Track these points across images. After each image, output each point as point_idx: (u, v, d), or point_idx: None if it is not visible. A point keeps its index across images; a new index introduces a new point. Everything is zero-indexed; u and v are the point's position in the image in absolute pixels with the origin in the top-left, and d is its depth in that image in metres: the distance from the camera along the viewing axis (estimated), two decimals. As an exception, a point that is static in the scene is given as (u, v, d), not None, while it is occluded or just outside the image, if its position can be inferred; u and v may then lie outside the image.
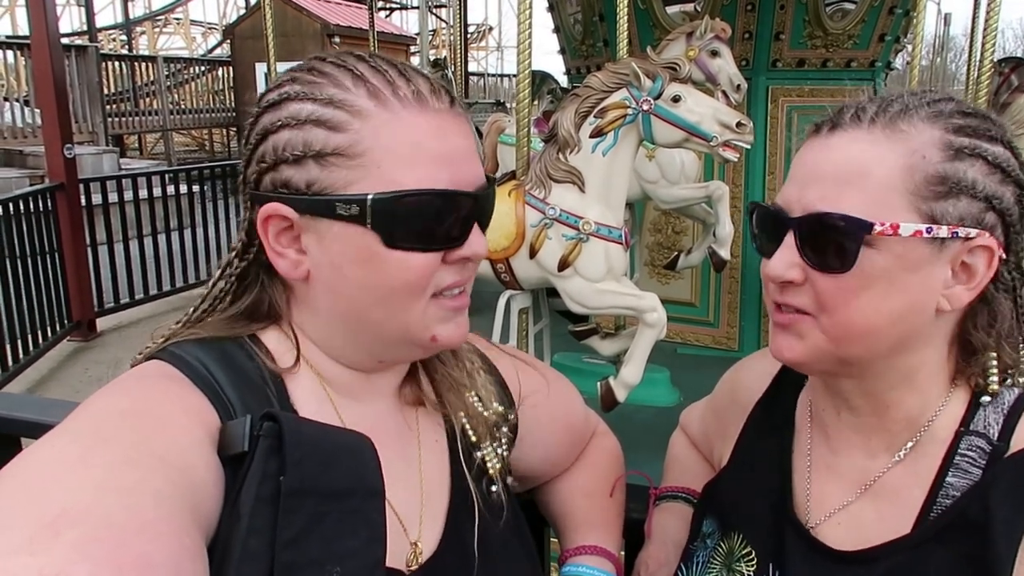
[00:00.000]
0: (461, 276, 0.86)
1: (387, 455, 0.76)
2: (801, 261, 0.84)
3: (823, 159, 0.85)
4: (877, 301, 0.82)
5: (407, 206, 0.79)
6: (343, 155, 0.79)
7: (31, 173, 9.98)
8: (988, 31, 3.59)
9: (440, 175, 0.81)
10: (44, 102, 6.32)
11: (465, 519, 0.93)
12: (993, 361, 0.87)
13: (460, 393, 0.98)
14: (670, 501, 1.24)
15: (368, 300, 0.83)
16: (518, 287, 3.33)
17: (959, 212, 0.80)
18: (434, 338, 0.85)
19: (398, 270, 0.81)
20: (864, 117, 0.84)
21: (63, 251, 6.26)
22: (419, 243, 0.80)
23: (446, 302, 0.85)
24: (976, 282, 0.83)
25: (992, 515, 0.79)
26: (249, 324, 0.88)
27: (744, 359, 1.21)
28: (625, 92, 2.98)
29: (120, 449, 0.65)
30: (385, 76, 0.82)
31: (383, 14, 23.21)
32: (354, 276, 0.82)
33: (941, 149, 0.80)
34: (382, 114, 0.80)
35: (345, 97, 0.80)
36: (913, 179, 0.80)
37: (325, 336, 0.88)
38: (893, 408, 0.90)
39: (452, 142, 0.83)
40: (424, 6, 14.37)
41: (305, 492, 0.69)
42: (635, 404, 3.44)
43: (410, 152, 0.80)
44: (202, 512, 0.67)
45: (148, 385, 0.78)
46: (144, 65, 15.74)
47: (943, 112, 0.83)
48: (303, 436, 0.71)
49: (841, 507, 0.93)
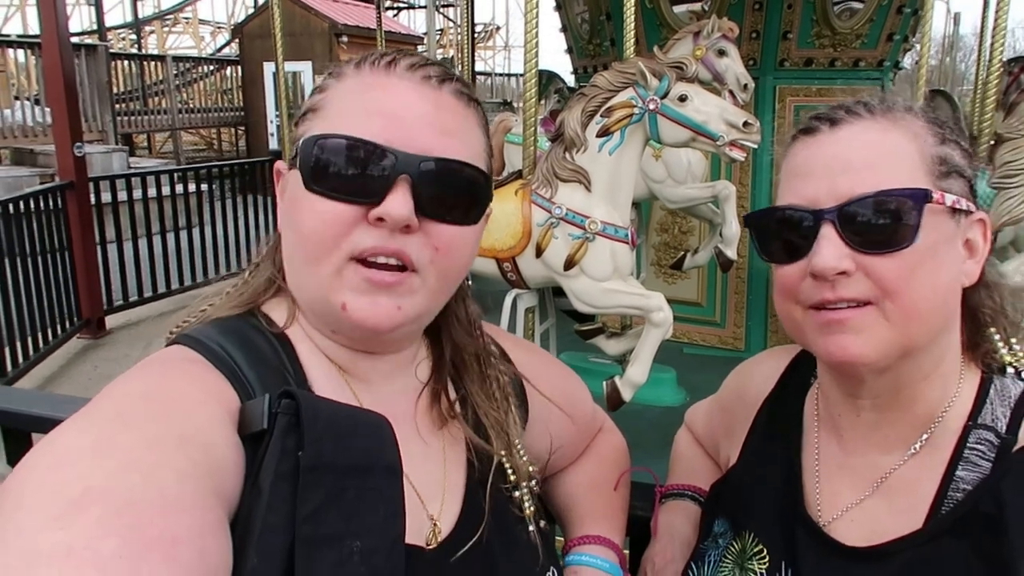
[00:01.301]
0: (384, 243, 0.79)
1: (405, 434, 0.77)
2: (850, 250, 0.83)
3: (839, 150, 0.87)
4: (932, 277, 0.83)
5: (324, 148, 0.81)
6: (312, 110, 0.87)
7: (42, 172, 10.04)
8: (997, 31, 3.57)
9: (370, 127, 0.81)
10: (54, 101, 6.36)
11: (483, 497, 0.93)
12: (997, 336, 0.92)
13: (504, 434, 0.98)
14: (676, 499, 1.24)
15: (293, 247, 0.85)
16: (524, 286, 3.34)
17: (958, 189, 0.86)
18: (344, 307, 0.80)
19: (310, 214, 0.81)
20: (862, 111, 0.88)
21: (73, 249, 6.30)
22: (332, 189, 0.80)
23: (364, 270, 0.80)
24: (979, 255, 0.88)
25: (1005, 508, 0.80)
26: (261, 297, 0.92)
27: (750, 359, 1.21)
28: (631, 91, 2.98)
29: (142, 430, 0.65)
30: (382, 53, 0.87)
31: (391, 13, 23.25)
32: (288, 222, 0.86)
33: (932, 135, 0.87)
34: (353, 76, 0.86)
35: (340, 68, 0.88)
36: (924, 159, 0.85)
37: (298, 298, 0.89)
38: (918, 400, 0.90)
39: (401, 103, 0.83)
40: (431, 5, 14.40)
41: (323, 468, 0.69)
42: (642, 404, 3.45)
43: (352, 106, 0.84)
44: (224, 489, 0.68)
45: (168, 368, 0.79)
46: (153, 64, 15.80)
47: (913, 108, 0.89)
48: (320, 413, 0.72)
49: (854, 504, 0.93)
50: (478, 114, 0.91)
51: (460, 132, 0.86)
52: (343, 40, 14.97)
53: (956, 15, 18.18)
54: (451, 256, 0.84)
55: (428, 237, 0.82)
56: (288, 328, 0.89)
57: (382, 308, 0.81)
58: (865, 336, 0.84)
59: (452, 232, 0.84)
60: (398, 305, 0.81)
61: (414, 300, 0.83)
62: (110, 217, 7.04)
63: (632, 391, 3.15)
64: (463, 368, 1.00)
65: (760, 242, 0.93)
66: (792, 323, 0.91)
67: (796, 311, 0.89)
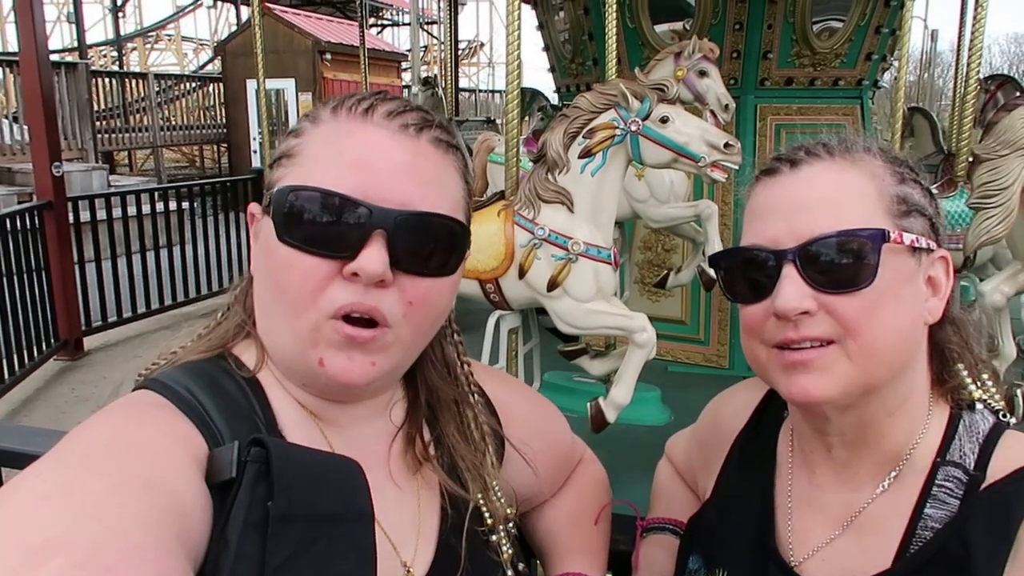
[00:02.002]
0: (361, 299, 0.78)
1: (378, 478, 0.76)
2: (811, 289, 0.83)
3: (798, 191, 0.88)
4: (891, 316, 0.83)
5: (298, 200, 0.79)
6: (287, 156, 0.85)
7: (19, 191, 9.93)
8: (973, 49, 3.63)
9: (345, 179, 0.79)
10: (32, 120, 6.29)
11: (457, 541, 0.92)
12: (964, 372, 0.92)
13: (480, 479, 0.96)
14: (657, 533, 1.22)
15: (269, 299, 0.83)
16: (507, 307, 3.32)
17: (919, 228, 0.87)
18: (321, 362, 0.79)
19: (284, 267, 0.79)
20: (822, 152, 0.89)
21: (50, 269, 6.22)
22: (306, 242, 0.78)
23: (343, 326, 0.78)
24: (943, 292, 0.88)
25: (971, 549, 0.79)
26: (231, 340, 0.90)
27: (726, 391, 1.20)
28: (613, 113, 2.99)
29: (105, 477, 0.64)
30: (360, 97, 0.84)
31: (375, 31, 23.34)
32: (262, 271, 0.84)
33: (891, 175, 0.88)
34: (329, 122, 0.84)
35: (317, 111, 0.86)
36: (883, 198, 0.86)
37: (269, 347, 0.87)
38: (886, 437, 0.90)
39: (378, 153, 0.81)
40: (415, 23, 14.46)
41: (294, 517, 0.68)
42: (626, 423, 3.43)
43: (327, 154, 0.82)
44: (190, 538, 0.66)
45: (134, 414, 0.77)
46: (135, 81, 15.74)
47: (872, 147, 0.90)
48: (291, 461, 0.71)
49: (825, 543, 0.92)
50: (457, 160, 0.89)
51: (437, 182, 0.84)
52: (327, 57, 14.99)
53: (934, 32, 18.51)
54: (425, 309, 0.83)
55: (403, 291, 0.80)
56: (259, 372, 0.87)
57: (357, 364, 0.80)
58: (828, 375, 0.84)
59: (427, 285, 0.82)
60: (372, 361, 0.80)
61: (388, 355, 0.82)
62: (89, 236, 6.95)
63: (616, 412, 3.13)
64: (439, 409, 0.98)
65: (726, 282, 0.94)
66: (757, 362, 0.91)
67: (761, 350, 0.90)
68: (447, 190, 0.85)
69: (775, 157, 0.92)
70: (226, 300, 0.95)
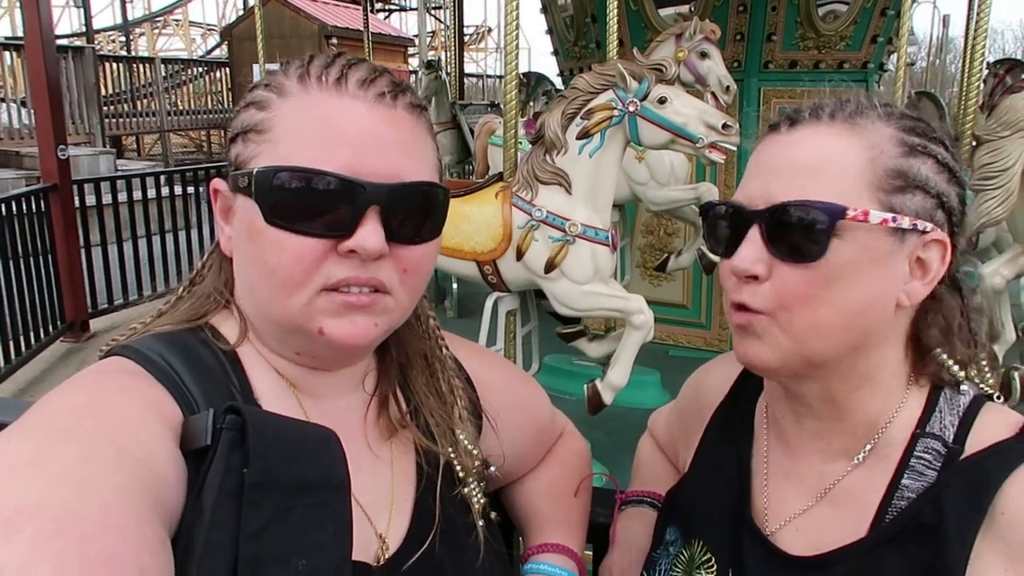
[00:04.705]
0: (358, 273, 0.78)
1: (354, 448, 0.76)
2: (767, 255, 0.83)
3: (786, 152, 0.86)
4: (842, 293, 0.81)
5: (285, 181, 0.77)
6: (256, 131, 0.82)
7: (27, 174, 9.97)
8: (979, 32, 3.59)
9: (333, 157, 0.77)
10: (38, 103, 6.30)
11: (433, 503, 0.92)
12: (945, 356, 0.88)
13: (448, 431, 0.97)
14: (636, 506, 1.23)
15: (256, 278, 0.82)
16: (505, 289, 3.32)
17: (915, 206, 0.82)
18: (321, 331, 0.80)
19: (274, 249, 0.78)
20: (823, 113, 0.86)
21: (56, 252, 6.25)
22: (297, 223, 0.77)
23: (339, 296, 0.79)
24: (931, 277, 0.84)
25: (945, 518, 0.79)
26: (208, 311, 0.89)
27: (707, 363, 1.20)
28: (611, 94, 2.97)
29: (77, 444, 0.63)
30: (325, 64, 0.83)
31: (382, 16, 23.23)
32: (245, 252, 0.83)
33: (896, 145, 0.83)
34: (299, 95, 0.81)
35: (280, 80, 0.83)
36: (874, 171, 0.81)
37: (254, 319, 0.87)
38: (855, 411, 0.89)
39: (360, 128, 0.80)
40: (422, 8, 14.39)
41: (269, 485, 0.68)
42: (625, 406, 3.43)
43: (306, 130, 0.80)
44: (164, 505, 0.66)
45: (106, 380, 0.76)
46: (142, 66, 15.74)
47: (893, 113, 0.86)
48: (266, 429, 0.71)
49: (800, 513, 0.92)
50: (427, 122, 0.89)
51: (417, 150, 0.85)
52: (333, 42, 14.96)
53: (945, 17, 18.27)
54: (419, 273, 0.85)
55: (397, 260, 0.81)
56: (239, 346, 0.87)
57: (360, 326, 0.80)
58: (765, 344, 0.85)
59: (420, 251, 0.84)
60: (375, 322, 0.81)
61: (388, 317, 0.83)
62: (95, 219, 6.97)
63: (612, 394, 3.14)
64: (408, 365, 0.99)
65: (708, 234, 0.94)
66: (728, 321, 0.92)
67: (727, 307, 0.90)
68: (426, 156, 0.86)
69: (784, 112, 0.90)
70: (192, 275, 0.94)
